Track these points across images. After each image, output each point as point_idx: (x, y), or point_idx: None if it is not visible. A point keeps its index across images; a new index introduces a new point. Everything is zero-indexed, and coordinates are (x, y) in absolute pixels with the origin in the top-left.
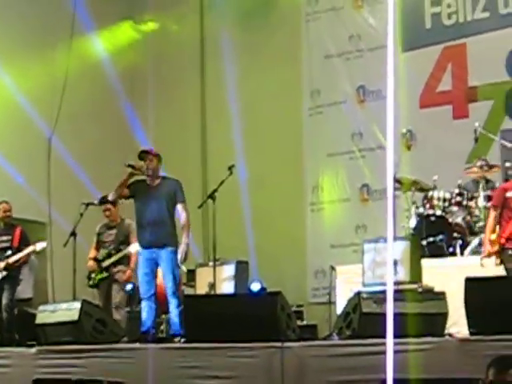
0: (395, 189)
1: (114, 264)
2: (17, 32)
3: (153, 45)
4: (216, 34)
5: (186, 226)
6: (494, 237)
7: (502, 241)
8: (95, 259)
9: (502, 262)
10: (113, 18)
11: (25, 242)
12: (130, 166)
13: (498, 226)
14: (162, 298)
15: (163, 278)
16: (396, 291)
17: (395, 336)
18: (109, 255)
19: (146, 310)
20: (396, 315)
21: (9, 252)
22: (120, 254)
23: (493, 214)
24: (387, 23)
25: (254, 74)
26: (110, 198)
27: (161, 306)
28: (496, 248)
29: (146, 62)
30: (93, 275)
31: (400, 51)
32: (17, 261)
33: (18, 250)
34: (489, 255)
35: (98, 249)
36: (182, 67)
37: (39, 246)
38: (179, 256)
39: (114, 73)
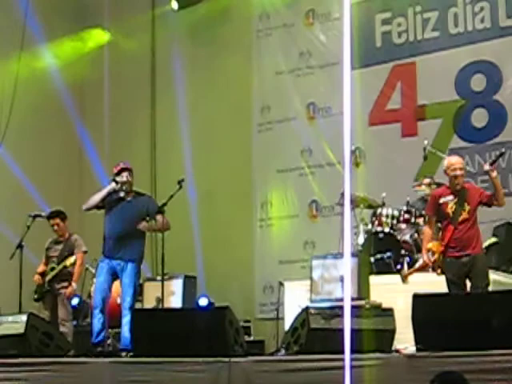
0: (343, 205)
1: (58, 281)
2: None
3: (103, 59)
4: (167, 48)
5: (161, 223)
6: (430, 245)
7: (442, 249)
8: (41, 274)
9: (442, 272)
10: (64, 30)
11: None
12: (115, 181)
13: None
14: (113, 311)
15: (122, 291)
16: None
17: (343, 352)
18: (51, 269)
19: (100, 322)
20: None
21: None
22: (60, 267)
23: (428, 222)
24: (338, 41)
25: (205, 89)
26: (84, 207)
27: (110, 319)
28: (435, 257)
29: (97, 75)
30: (37, 289)
31: (351, 69)
32: None
33: None
34: (425, 265)
35: (46, 264)
36: (133, 81)
37: None
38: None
39: (63, 86)
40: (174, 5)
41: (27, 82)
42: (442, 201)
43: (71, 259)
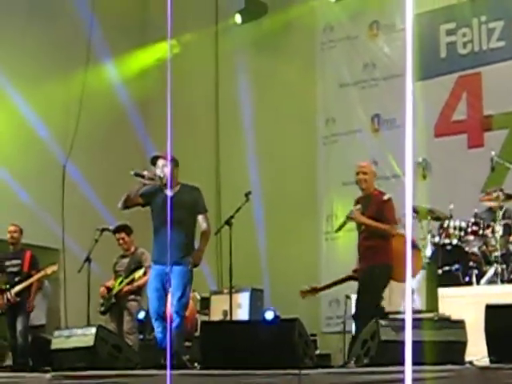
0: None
1: (126, 293)
2: (33, 58)
3: (167, 73)
4: (231, 60)
5: (205, 235)
6: None
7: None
8: (107, 287)
9: None
10: (128, 45)
11: (35, 267)
12: (137, 174)
13: None
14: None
15: (171, 295)
16: (413, 319)
17: (414, 364)
18: (120, 283)
19: (159, 330)
20: (414, 343)
21: (18, 278)
22: (128, 279)
23: None
24: (402, 52)
25: (269, 101)
26: (120, 206)
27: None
28: (357, 266)
29: (161, 89)
30: (104, 302)
31: (415, 80)
32: (28, 286)
33: (28, 274)
34: (353, 275)
35: (115, 279)
36: (197, 95)
37: (50, 269)
38: (191, 259)
39: (128, 100)
40: (238, 19)
41: (92, 97)
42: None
43: (140, 272)
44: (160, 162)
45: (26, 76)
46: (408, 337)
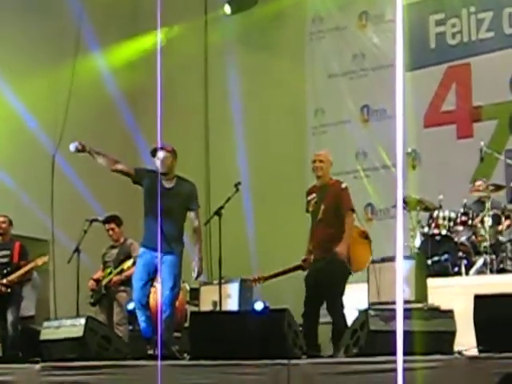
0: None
1: (115, 284)
2: (21, 48)
3: (156, 63)
4: (220, 51)
5: (198, 235)
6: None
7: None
8: (96, 280)
9: None
10: (117, 35)
11: (24, 258)
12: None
13: None
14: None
15: (162, 284)
16: (404, 310)
17: (404, 354)
18: (109, 273)
19: (142, 319)
20: (404, 333)
21: (8, 269)
22: (117, 270)
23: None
24: (391, 42)
25: (258, 92)
26: (109, 163)
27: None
28: (308, 256)
29: (150, 80)
30: (94, 294)
31: (405, 70)
32: (19, 277)
33: (18, 265)
34: (301, 265)
35: (103, 270)
36: (186, 85)
37: (41, 260)
38: (194, 273)
39: (117, 91)
40: (227, 9)
41: (82, 87)
42: (308, 198)
43: (128, 262)
44: (160, 154)
45: (14, 67)
46: (399, 327)
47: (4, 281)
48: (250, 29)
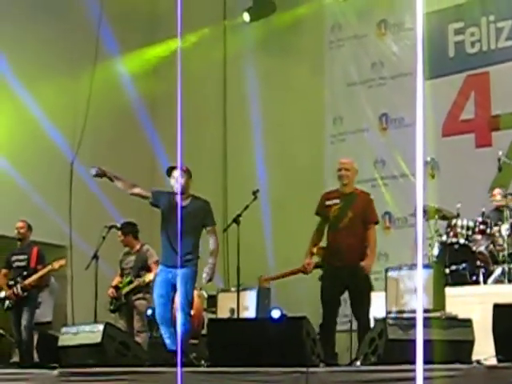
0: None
1: (134, 292)
2: (41, 55)
3: (175, 70)
4: (239, 58)
5: (214, 251)
6: (315, 249)
7: (323, 253)
8: (115, 287)
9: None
10: (136, 42)
11: (42, 262)
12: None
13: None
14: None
15: (177, 295)
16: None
17: (423, 362)
18: (129, 282)
19: (167, 336)
20: (423, 342)
21: (25, 273)
22: (139, 282)
23: (318, 224)
24: (410, 51)
25: (277, 100)
26: (126, 186)
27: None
28: (310, 260)
29: (169, 86)
30: (114, 301)
31: (423, 79)
32: (35, 281)
33: (35, 270)
34: (304, 268)
35: (121, 276)
36: (205, 92)
37: (57, 264)
38: (205, 275)
39: (136, 97)
40: (246, 17)
41: (101, 94)
42: (327, 203)
43: (150, 276)
44: (175, 173)
45: (34, 73)
46: (419, 336)
47: (20, 285)
48: (269, 36)
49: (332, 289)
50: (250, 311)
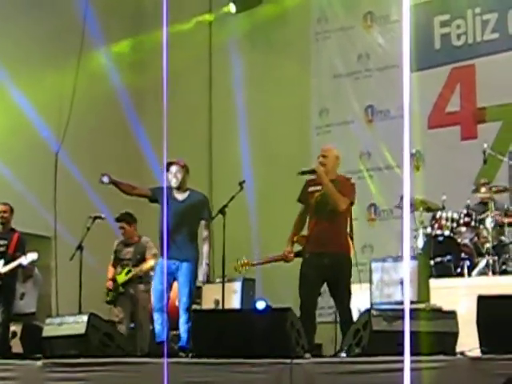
0: (402, 208)
1: (133, 284)
2: (26, 45)
3: (161, 61)
4: (225, 49)
5: (207, 244)
6: (296, 237)
7: (304, 241)
8: (113, 278)
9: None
10: (122, 33)
11: (21, 250)
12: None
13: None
14: (173, 313)
15: (178, 291)
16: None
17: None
18: (127, 272)
19: (158, 322)
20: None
21: (2, 260)
22: (137, 270)
23: (300, 210)
24: (396, 43)
25: (263, 92)
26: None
27: (171, 321)
28: (291, 248)
29: (154, 78)
30: (111, 292)
31: (409, 71)
32: (10, 271)
33: (13, 257)
34: (285, 256)
35: (115, 266)
36: (191, 82)
37: (28, 257)
38: (201, 277)
39: (122, 88)
40: (232, 8)
41: (86, 85)
42: (310, 189)
43: (151, 263)
44: (173, 168)
45: (19, 63)
46: (406, 327)
47: None
48: (255, 28)
49: (311, 276)
50: (234, 303)
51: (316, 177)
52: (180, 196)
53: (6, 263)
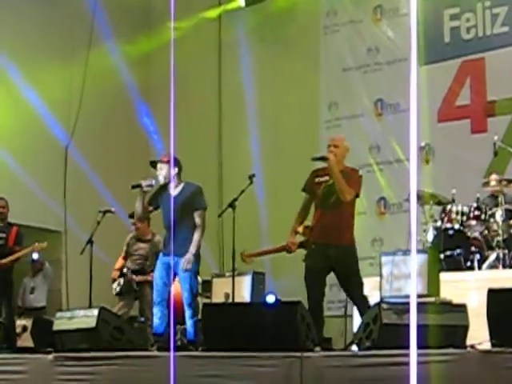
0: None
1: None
2: (35, 40)
3: (170, 56)
4: (234, 43)
5: (198, 233)
6: (300, 227)
7: (308, 232)
8: (120, 269)
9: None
10: (131, 28)
11: (19, 243)
12: (134, 187)
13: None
14: (179, 307)
15: (181, 287)
16: (417, 303)
17: (417, 348)
18: (140, 271)
19: (157, 316)
20: (417, 327)
21: (2, 252)
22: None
23: (304, 201)
24: (406, 36)
25: (272, 85)
26: (135, 218)
27: (177, 315)
28: (294, 239)
29: (164, 72)
30: (123, 285)
31: (419, 65)
32: (11, 261)
33: (12, 250)
34: (287, 247)
35: (125, 259)
36: (200, 77)
37: (39, 246)
38: (181, 265)
39: (131, 83)
40: (241, 2)
41: (95, 79)
42: (317, 180)
43: None
44: (158, 166)
45: (29, 57)
46: (413, 320)
47: None
48: (264, 22)
49: (317, 267)
50: (244, 296)
51: (327, 164)
52: (174, 191)
53: (5, 256)
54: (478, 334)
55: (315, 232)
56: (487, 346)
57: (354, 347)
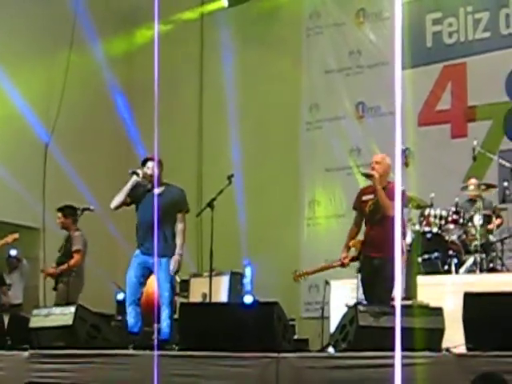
0: None
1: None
2: (17, 38)
3: (152, 56)
4: (216, 45)
5: (180, 236)
6: (351, 242)
7: (360, 247)
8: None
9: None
10: (113, 27)
11: None
12: (134, 173)
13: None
14: (153, 306)
15: (159, 287)
16: (392, 306)
17: (392, 350)
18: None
19: (132, 315)
20: (394, 329)
21: None
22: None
23: (355, 218)
24: (388, 40)
25: (254, 87)
26: (113, 205)
27: (151, 315)
28: (346, 253)
29: (146, 72)
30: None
31: (401, 69)
32: None
33: None
34: (341, 263)
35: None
36: (182, 77)
37: (11, 238)
38: (171, 266)
39: (112, 82)
40: (224, 2)
41: (76, 77)
42: (363, 198)
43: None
44: (150, 163)
45: (10, 53)
46: (397, 324)
47: None
48: (247, 22)
49: (368, 278)
50: (222, 296)
51: (372, 182)
52: (156, 190)
53: None
54: (454, 338)
55: (365, 245)
56: (462, 349)
57: (331, 349)
